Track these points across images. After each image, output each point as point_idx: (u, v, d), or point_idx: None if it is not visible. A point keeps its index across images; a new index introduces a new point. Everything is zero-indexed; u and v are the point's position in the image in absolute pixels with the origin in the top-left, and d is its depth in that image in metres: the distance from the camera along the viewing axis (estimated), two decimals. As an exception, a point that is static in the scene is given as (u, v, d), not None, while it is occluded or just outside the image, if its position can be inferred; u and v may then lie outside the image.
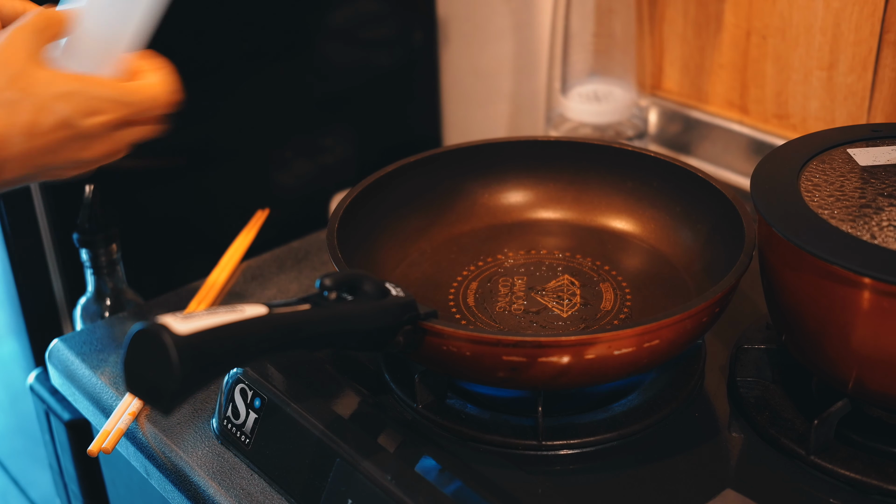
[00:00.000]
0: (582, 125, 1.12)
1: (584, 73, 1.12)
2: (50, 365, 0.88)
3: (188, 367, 0.54)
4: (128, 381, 0.56)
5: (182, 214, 1.12)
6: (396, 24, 1.24)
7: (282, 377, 0.76)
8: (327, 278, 0.64)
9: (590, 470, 0.70)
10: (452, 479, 0.67)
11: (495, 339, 0.66)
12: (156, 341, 0.54)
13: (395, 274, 0.85)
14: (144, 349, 0.54)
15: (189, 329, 0.54)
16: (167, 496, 0.76)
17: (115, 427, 0.78)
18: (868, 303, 0.63)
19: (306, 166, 1.20)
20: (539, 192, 0.92)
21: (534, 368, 0.67)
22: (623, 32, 1.09)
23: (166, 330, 0.54)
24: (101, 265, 0.93)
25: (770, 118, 1.06)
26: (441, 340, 0.67)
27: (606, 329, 0.69)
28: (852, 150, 0.75)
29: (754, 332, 0.80)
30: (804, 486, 0.67)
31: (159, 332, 0.54)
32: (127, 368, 0.55)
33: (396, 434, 0.72)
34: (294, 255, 1.00)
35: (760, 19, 1.03)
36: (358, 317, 0.64)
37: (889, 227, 0.65)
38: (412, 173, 0.89)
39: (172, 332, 0.54)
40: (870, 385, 0.66)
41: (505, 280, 0.84)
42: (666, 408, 0.73)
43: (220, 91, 1.10)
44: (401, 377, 0.76)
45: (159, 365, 0.54)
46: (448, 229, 0.90)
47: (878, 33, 0.94)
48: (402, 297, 0.67)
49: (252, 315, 0.58)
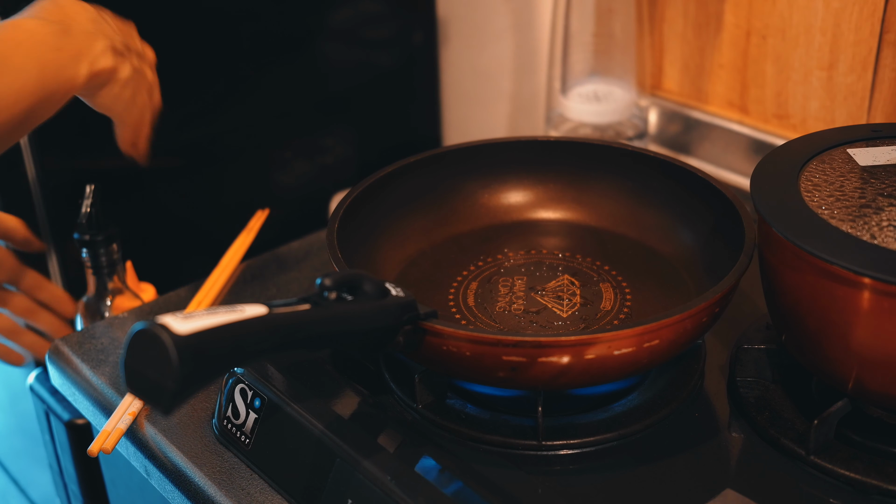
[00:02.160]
0: (582, 125, 1.12)
1: (584, 73, 1.12)
2: (50, 365, 0.88)
3: (188, 367, 0.54)
4: (128, 381, 0.55)
5: (182, 214, 1.12)
6: (396, 24, 1.24)
7: (282, 377, 0.76)
8: (327, 278, 0.64)
9: (590, 470, 0.70)
10: (452, 479, 0.67)
11: (495, 339, 0.66)
12: (156, 341, 0.54)
13: (395, 274, 0.85)
14: (144, 349, 0.54)
15: (189, 329, 0.54)
16: (167, 496, 0.76)
17: (115, 427, 0.78)
18: (868, 303, 0.63)
19: (306, 166, 1.20)
20: (539, 192, 0.92)
21: (533, 368, 0.67)
22: (623, 32, 1.09)
23: (166, 330, 0.54)
24: (101, 265, 0.93)
25: (770, 118, 1.06)
26: (441, 340, 0.67)
27: (606, 329, 0.69)
28: (852, 150, 0.75)
29: (754, 332, 0.80)
30: (804, 486, 0.67)
31: (159, 332, 0.54)
32: (127, 368, 0.55)
33: (396, 434, 0.72)
34: (294, 255, 1.00)
35: (760, 19, 1.03)
36: (358, 317, 0.64)
37: (889, 227, 0.65)
38: (413, 173, 0.89)
39: (172, 331, 0.54)
40: (870, 385, 0.66)
41: (505, 280, 0.85)
42: (666, 408, 0.73)
43: (221, 91, 1.10)
44: (401, 377, 0.76)
45: (159, 365, 0.54)
46: (448, 229, 0.90)
47: (878, 33, 0.94)
48: (402, 298, 0.67)
49: (252, 315, 0.58)
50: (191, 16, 1.05)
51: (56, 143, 1.00)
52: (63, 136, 1.00)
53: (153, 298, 0.99)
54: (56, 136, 1.00)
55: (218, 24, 1.08)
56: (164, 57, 1.05)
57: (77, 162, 1.02)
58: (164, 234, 1.11)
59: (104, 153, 1.04)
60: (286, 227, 1.13)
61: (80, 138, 1.01)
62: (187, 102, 1.08)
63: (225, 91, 1.10)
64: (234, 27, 1.09)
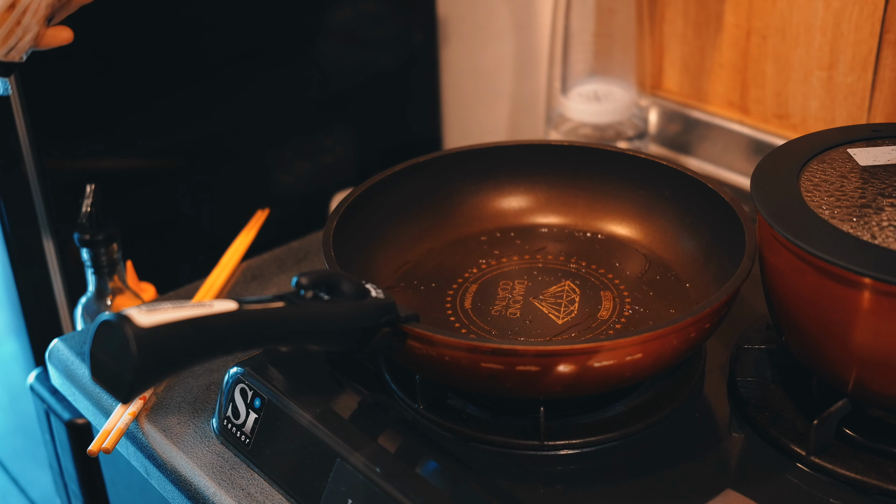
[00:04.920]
0: (582, 125, 1.12)
1: (584, 73, 1.12)
2: (50, 365, 0.88)
3: (147, 359, 0.54)
4: (92, 370, 0.56)
5: (182, 214, 1.12)
6: (396, 24, 1.24)
7: (282, 377, 0.76)
8: (303, 276, 0.64)
9: (591, 470, 0.70)
10: (453, 479, 0.67)
11: (472, 346, 0.65)
12: (118, 332, 0.54)
13: (395, 275, 0.85)
14: (108, 339, 0.55)
15: (151, 322, 0.55)
16: (167, 496, 0.76)
17: (115, 427, 0.78)
18: (868, 303, 0.63)
19: (306, 166, 1.20)
20: (541, 196, 0.92)
21: (512, 376, 0.66)
22: (623, 32, 1.09)
23: (128, 321, 0.54)
24: (101, 265, 0.93)
25: (770, 118, 1.06)
26: (420, 345, 0.67)
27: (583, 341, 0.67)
28: (852, 150, 0.75)
29: (754, 332, 0.80)
30: (804, 486, 0.67)
31: (121, 323, 0.54)
32: (92, 357, 0.56)
33: (397, 434, 0.72)
34: (294, 255, 1.00)
35: (760, 19, 1.03)
36: (332, 317, 0.63)
37: (889, 227, 0.65)
38: (414, 176, 0.88)
39: (134, 323, 0.54)
40: (870, 385, 0.66)
41: (505, 284, 0.84)
42: (666, 408, 0.73)
43: (221, 91, 1.10)
44: (401, 377, 0.76)
45: (120, 355, 0.54)
46: (450, 232, 0.90)
47: (878, 33, 0.94)
48: (380, 299, 0.66)
49: (219, 310, 0.58)
50: (191, 16, 1.05)
51: (56, 143, 1.00)
52: (63, 136, 1.00)
53: (153, 298, 0.99)
54: (56, 136, 1.00)
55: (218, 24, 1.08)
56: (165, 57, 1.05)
57: (77, 162, 1.02)
58: (164, 234, 1.11)
59: (104, 153, 1.04)
60: (286, 227, 1.13)
61: (80, 138, 1.01)
62: (187, 102, 1.08)
63: (225, 91, 1.10)
64: (234, 27, 1.09)
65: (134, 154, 1.07)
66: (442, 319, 0.80)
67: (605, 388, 0.69)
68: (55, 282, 1.04)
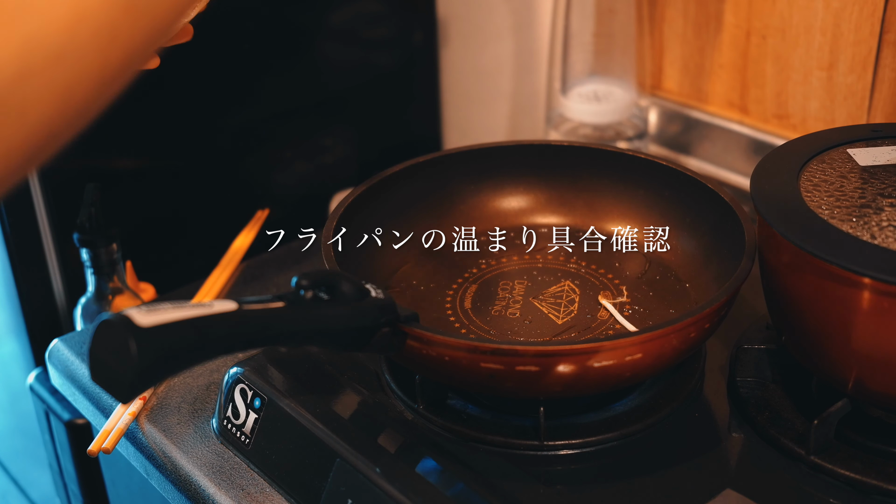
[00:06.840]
0: (582, 125, 1.12)
1: (584, 73, 1.12)
2: (50, 365, 0.88)
3: (147, 359, 0.54)
4: (92, 370, 0.56)
5: (182, 214, 1.12)
6: (396, 24, 1.24)
7: (282, 377, 0.76)
8: (303, 276, 0.64)
9: (590, 470, 0.70)
10: (453, 479, 0.67)
11: (472, 346, 0.65)
12: (118, 332, 0.54)
13: (394, 276, 0.85)
14: (108, 339, 0.55)
15: (151, 322, 0.54)
16: (167, 496, 0.76)
17: (115, 427, 0.78)
18: (868, 303, 0.63)
19: (306, 166, 1.20)
20: (541, 196, 0.92)
21: (512, 376, 0.66)
22: (623, 32, 1.09)
23: (128, 321, 0.54)
24: (101, 265, 0.93)
25: (770, 118, 1.06)
26: (420, 345, 0.67)
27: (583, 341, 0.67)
28: (852, 150, 0.75)
29: (754, 332, 0.80)
30: (804, 486, 0.68)
31: (121, 323, 0.54)
32: (92, 357, 0.56)
33: (396, 434, 0.72)
34: (294, 255, 1.00)
35: (760, 19, 1.03)
36: (332, 317, 0.63)
37: (889, 227, 0.65)
38: (415, 175, 0.88)
39: (134, 323, 0.54)
40: (870, 385, 0.66)
41: (505, 284, 0.84)
42: (666, 408, 0.73)
43: (221, 91, 1.10)
44: (401, 377, 0.76)
45: (120, 355, 0.54)
46: (450, 232, 0.90)
47: (878, 33, 0.94)
48: (380, 299, 0.66)
49: (219, 311, 0.58)
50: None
51: (56, 143, 1.00)
52: (63, 136, 1.00)
53: (153, 298, 0.99)
54: (56, 136, 1.00)
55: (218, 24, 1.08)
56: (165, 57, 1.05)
57: (77, 162, 1.02)
58: (164, 234, 1.11)
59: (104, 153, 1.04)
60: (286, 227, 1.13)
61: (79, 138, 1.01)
62: (187, 102, 1.08)
63: (225, 91, 1.10)
64: (234, 27, 1.09)
65: (134, 154, 1.07)
66: (441, 319, 0.80)
67: (605, 388, 0.69)
68: (55, 282, 1.04)
